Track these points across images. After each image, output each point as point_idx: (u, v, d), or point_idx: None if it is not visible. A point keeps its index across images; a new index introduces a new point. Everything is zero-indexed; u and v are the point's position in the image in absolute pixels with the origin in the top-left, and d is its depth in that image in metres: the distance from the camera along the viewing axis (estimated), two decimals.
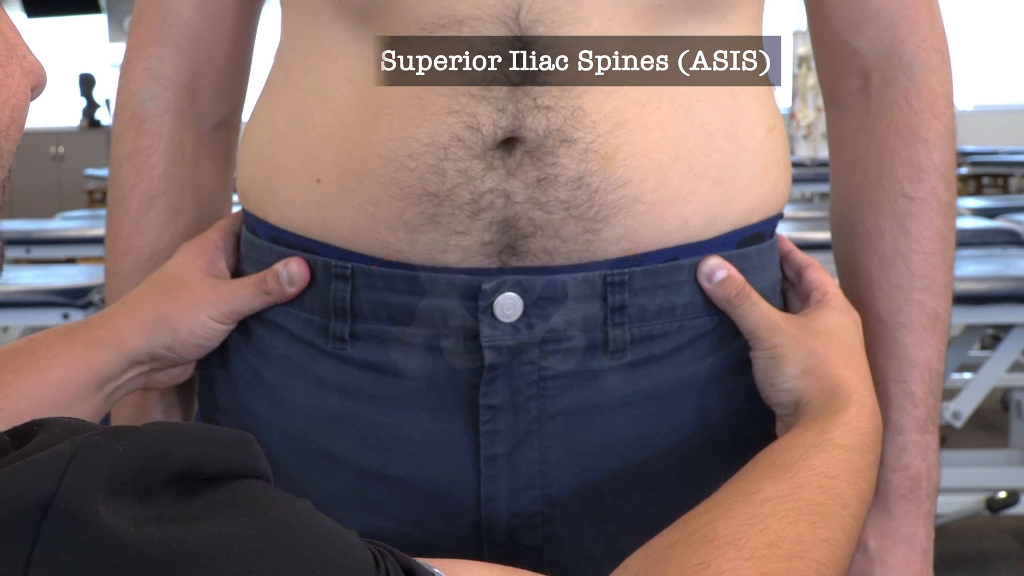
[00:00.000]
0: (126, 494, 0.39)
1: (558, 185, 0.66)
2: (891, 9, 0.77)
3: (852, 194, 0.79)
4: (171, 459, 0.41)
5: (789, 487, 0.60)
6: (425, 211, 0.67)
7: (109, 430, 0.41)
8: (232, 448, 0.43)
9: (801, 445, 0.63)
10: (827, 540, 0.58)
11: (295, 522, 0.42)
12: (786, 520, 0.57)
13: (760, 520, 0.57)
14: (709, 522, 0.57)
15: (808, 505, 0.59)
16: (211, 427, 0.44)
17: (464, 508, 0.71)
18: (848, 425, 0.65)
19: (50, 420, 0.41)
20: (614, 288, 0.69)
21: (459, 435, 0.70)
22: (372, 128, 0.68)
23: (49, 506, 0.37)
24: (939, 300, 0.77)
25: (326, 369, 0.72)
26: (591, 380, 0.70)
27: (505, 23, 0.65)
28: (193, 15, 0.81)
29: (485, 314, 0.68)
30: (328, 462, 0.73)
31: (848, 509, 0.61)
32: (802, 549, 0.56)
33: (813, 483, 0.61)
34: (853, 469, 0.63)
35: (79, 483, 0.37)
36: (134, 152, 0.82)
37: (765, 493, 0.59)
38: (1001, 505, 2.50)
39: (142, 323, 0.72)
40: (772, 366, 0.70)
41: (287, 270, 0.72)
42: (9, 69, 0.44)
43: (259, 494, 0.42)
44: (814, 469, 0.61)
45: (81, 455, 0.38)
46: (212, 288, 0.74)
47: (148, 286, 0.75)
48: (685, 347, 0.72)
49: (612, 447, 0.71)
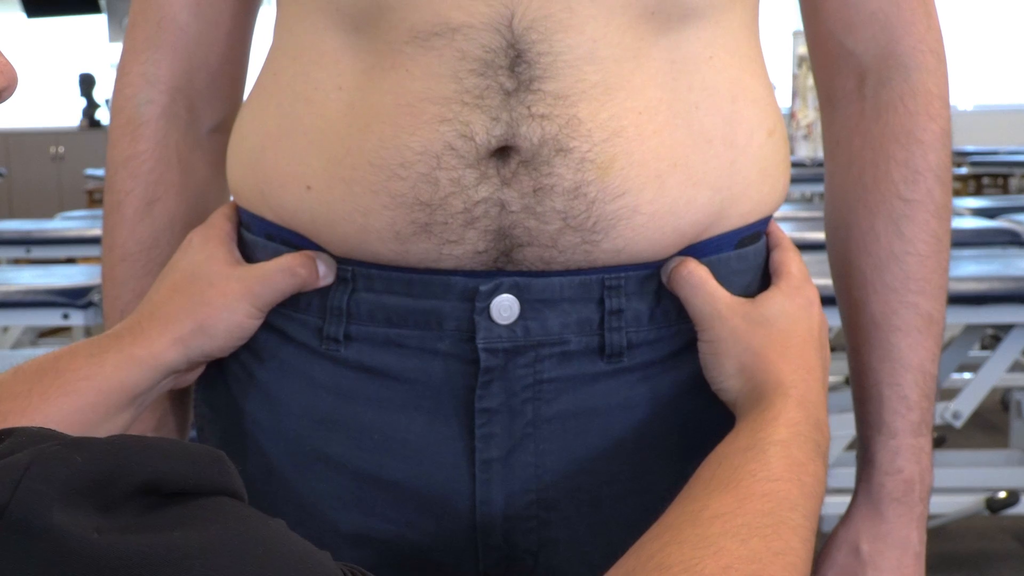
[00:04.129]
0: (85, 505, 0.38)
1: (554, 195, 0.66)
2: (887, 11, 0.77)
3: (847, 196, 0.79)
4: (133, 471, 0.40)
5: (735, 499, 0.59)
6: (417, 220, 0.66)
7: (70, 441, 0.40)
8: (202, 464, 0.42)
9: (737, 451, 0.62)
10: (782, 552, 0.58)
11: (264, 538, 0.41)
12: (738, 538, 0.57)
13: (712, 541, 0.56)
14: (661, 547, 0.56)
15: (756, 517, 0.58)
16: (181, 442, 0.43)
17: (460, 511, 0.71)
18: (779, 420, 0.64)
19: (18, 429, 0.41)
20: (611, 292, 0.69)
21: (455, 438, 0.70)
22: (363, 136, 0.67)
23: (2, 515, 0.36)
24: (934, 303, 0.77)
25: (320, 371, 0.72)
26: (587, 384, 0.70)
27: (499, 30, 0.64)
28: (188, 19, 0.81)
29: (482, 316, 0.68)
30: (323, 464, 0.73)
31: (797, 510, 0.60)
32: (758, 567, 0.56)
33: (757, 491, 0.60)
34: (794, 464, 0.62)
35: (34, 492, 0.37)
36: (130, 157, 0.81)
37: (712, 510, 0.58)
38: (1001, 505, 2.50)
39: (178, 336, 0.70)
40: (711, 363, 0.69)
41: (325, 264, 0.71)
42: None
43: (229, 509, 0.42)
44: (755, 475, 0.60)
45: (37, 465, 0.38)
46: (241, 283, 0.72)
47: (176, 292, 0.73)
48: (681, 351, 0.72)
49: (608, 450, 0.71)
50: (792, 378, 0.67)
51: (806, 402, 0.66)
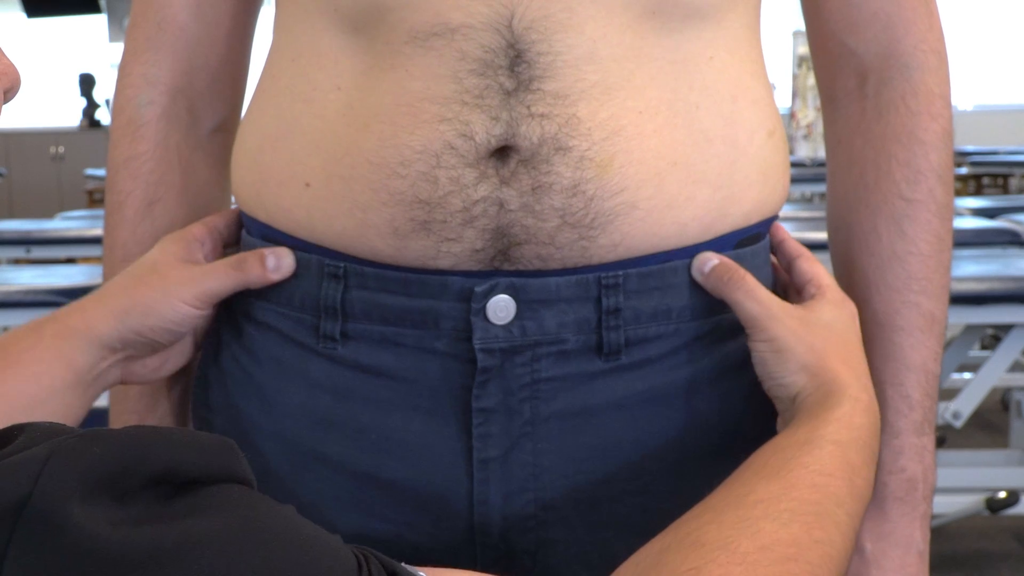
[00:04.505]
0: (102, 495, 0.39)
1: (553, 193, 0.66)
2: (888, 10, 0.77)
3: (849, 196, 0.79)
4: (148, 462, 0.40)
5: (782, 487, 0.59)
6: (416, 218, 0.66)
7: (86, 433, 0.41)
8: (212, 453, 0.43)
9: (794, 444, 0.63)
10: (822, 541, 0.57)
11: (275, 524, 0.41)
12: (779, 522, 0.57)
13: (752, 523, 0.56)
14: (700, 527, 0.56)
15: (802, 505, 0.58)
16: (192, 431, 0.44)
17: (457, 511, 0.71)
18: (841, 421, 0.64)
19: (31, 424, 0.41)
20: (608, 290, 0.69)
21: (452, 438, 0.70)
22: (362, 135, 0.67)
23: (24, 507, 0.37)
24: (936, 302, 0.77)
25: (317, 370, 0.72)
26: (585, 383, 0.70)
27: (498, 31, 0.64)
28: (188, 20, 0.81)
29: (478, 316, 0.68)
30: (320, 464, 0.72)
31: (843, 507, 0.60)
32: (796, 552, 0.56)
33: (806, 481, 0.60)
34: (848, 466, 0.62)
35: (54, 484, 0.37)
36: (130, 158, 0.82)
37: (757, 495, 0.58)
38: (1001, 505, 2.50)
39: (112, 309, 0.71)
40: (773, 360, 0.69)
41: (276, 256, 0.71)
42: None
43: (238, 497, 0.42)
44: (807, 467, 0.61)
45: (57, 457, 0.38)
46: (183, 271, 0.73)
47: (122, 275, 0.75)
48: (680, 350, 0.71)
49: (606, 450, 0.71)
50: (857, 384, 0.67)
51: (871, 410, 0.67)
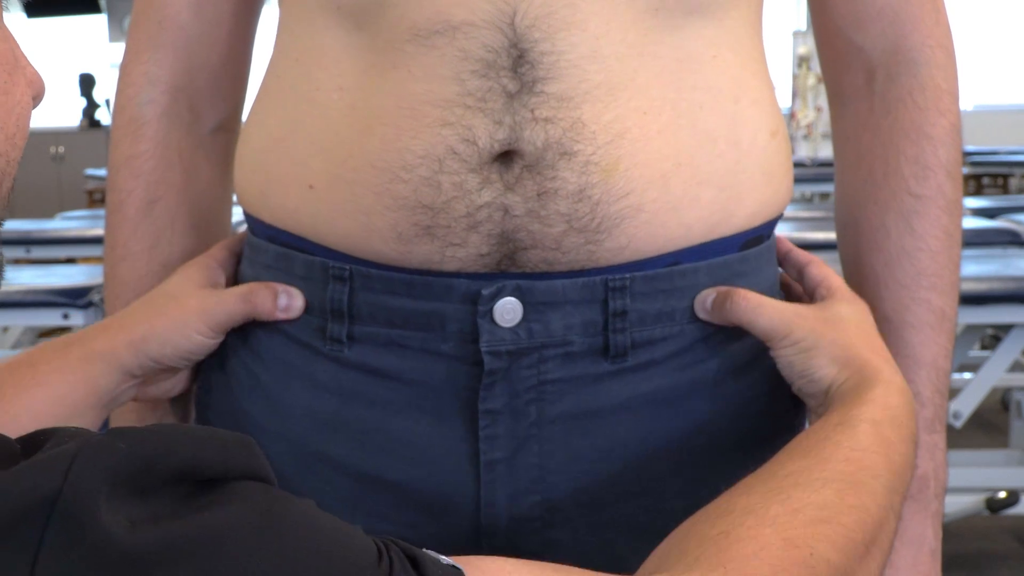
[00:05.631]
0: (126, 491, 0.39)
1: (558, 199, 0.65)
2: (895, 6, 0.76)
3: (857, 192, 0.79)
4: (171, 458, 0.41)
5: (815, 461, 0.59)
6: (419, 223, 0.66)
7: (112, 430, 0.41)
8: (232, 450, 0.43)
9: (828, 425, 0.62)
10: (856, 506, 0.57)
11: (294, 516, 0.42)
12: (810, 488, 0.56)
13: (783, 491, 0.56)
14: (730, 499, 0.57)
15: (835, 474, 0.58)
16: (211, 429, 0.44)
17: (463, 513, 0.71)
18: (876, 402, 0.64)
19: (58, 429, 0.42)
20: (615, 293, 0.68)
21: (458, 440, 0.70)
22: (365, 138, 0.67)
23: (55, 503, 0.37)
24: (946, 298, 0.77)
25: (323, 372, 0.72)
26: (591, 384, 0.70)
27: (501, 29, 0.64)
28: (190, 19, 0.81)
29: (484, 319, 0.68)
30: (326, 466, 0.72)
31: (879, 480, 0.60)
32: (828, 514, 0.55)
33: (840, 456, 0.60)
34: (883, 442, 0.62)
35: (83, 480, 0.38)
36: (131, 157, 0.81)
37: (788, 469, 0.58)
38: (1001, 505, 2.50)
39: (133, 339, 0.73)
40: (802, 360, 0.69)
41: (287, 297, 0.72)
42: (15, 79, 0.47)
43: (257, 492, 0.42)
44: (840, 444, 0.60)
45: (84, 452, 0.39)
46: (199, 301, 0.74)
47: (143, 302, 0.76)
48: (685, 351, 0.71)
49: (611, 451, 0.71)
50: (888, 368, 0.68)
51: (904, 391, 0.67)
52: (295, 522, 0.42)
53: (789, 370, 0.70)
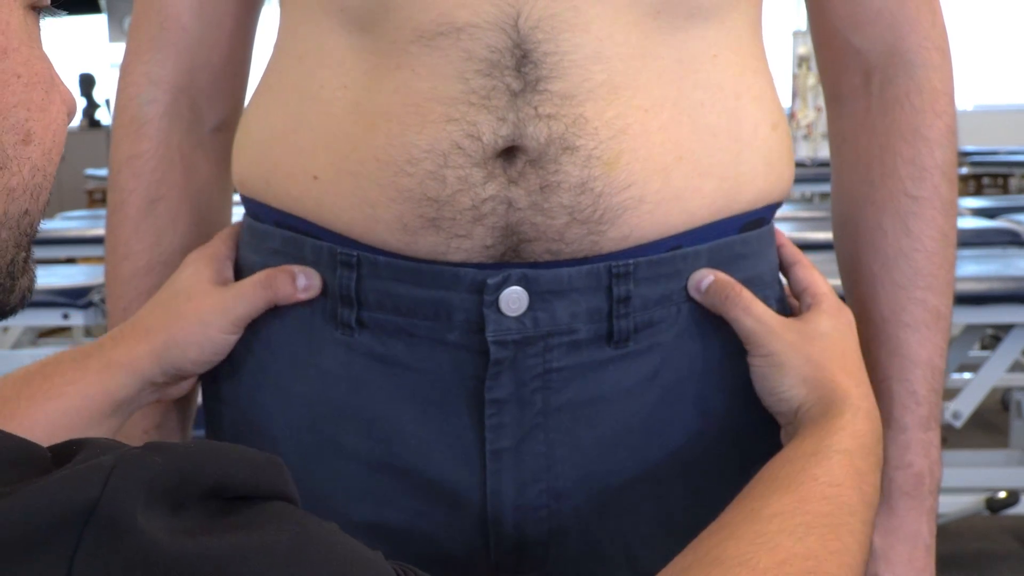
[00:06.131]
0: (161, 505, 0.40)
1: (561, 191, 0.66)
2: (892, 8, 0.77)
3: (854, 193, 0.80)
4: (205, 474, 0.42)
5: (795, 500, 0.60)
6: (425, 215, 0.67)
7: (147, 444, 0.43)
8: (262, 469, 0.45)
9: (802, 455, 0.64)
10: (838, 551, 0.59)
11: (320, 539, 0.43)
12: (795, 536, 0.58)
13: (770, 538, 0.57)
14: (719, 543, 0.57)
15: (816, 518, 0.59)
16: (242, 448, 0.45)
17: (470, 501, 0.71)
18: (846, 430, 0.65)
19: (89, 440, 0.43)
20: (619, 279, 0.69)
21: (465, 429, 0.70)
22: (370, 133, 0.67)
23: (92, 512, 0.38)
24: (941, 298, 0.77)
25: (332, 359, 0.72)
26: (595, 371, 0.70)
27: (504, 30, 0.64)
28: (191, 19, 0.82)
29: (491, 308, 0.68)
30: (334, 453, 0.73)
31: (856, 516, 0.62)
32: (814, 564, 0.57)
33: (817, 493, 0.61)
34: (855, 473, 0.64)
35: (120, 491, 0.39)
36: (132, 156, 0.82)
37: (772, 509, 0.59)
38: (1001, 505, 2.50)
39: (152, 348, 0.72)
40: (771, 375, 0.70)
41: (306, 276, 0.72)
42: (52, 97, 0.49)
43: (286, 513, 0.44)
44: (817, 479, 0.62)
45: (122, 465, 0.40)
46: (217, 299, 0.73)
47: (157, 306, 0.75)
48: (684, 332, 0.72)
49: (616, 438, 0.71)
50: (857, 392, 0.68)
51: (872, 416, 0.68)
52: (322, 546, 0.43)
53: (761, 383, 0.71)
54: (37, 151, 0.48)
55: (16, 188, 0.47)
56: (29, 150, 0.48)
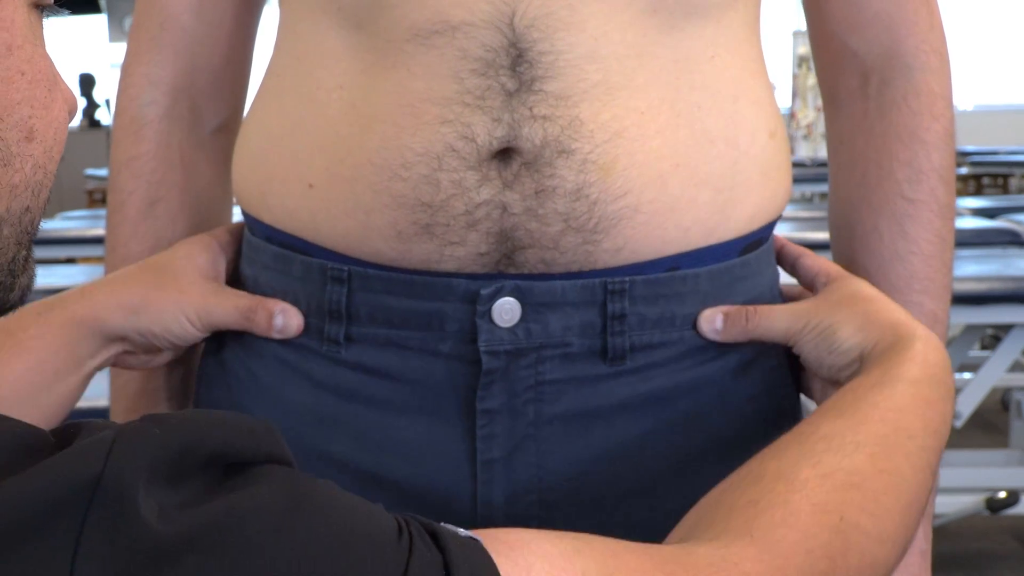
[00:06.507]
0: (162, 477, 0.40)
1: (556, 197, 0.66)
2: (890, 11, 0.77)
3: (851, 195, 0.80)
4: (204, 444, 0.42)
5: (850, 424, 0.59)
6: (419, 221, 0.66)
7: (145, 416, 0.43)
8: (258, 436, 0.45)
9: (865, 384, 0.62)
10: (887, 471, 0.57)
11: (318, 496, 0.43)
12: (842, 453, 0.56)
13: (815, 455, 0.56)
14: (761, 463, 0.57)
15: (868, 437, 0.58)
16: (236, 414, 0.45)
17: (461, 512, 0.71)
18: (915, 360, 0.63)
19: (88, 421, 0.43)
20: (614, 296, 0.69)
21: (456, 439, 0.70)
22: (365, 136, 0.67)
23: (97, 486, 0.38)
24: (938, 302, 0.77)
25: (321, 370, 0.72)
26: (589, 385, 0.70)
27: (500, 29, 0.64)
28: (191, 20, 0.82)
29: (483, 319, 0.68)
30: (324, 463, 0.72)
31: (914, 440, 0.59)
32: (859, 480, 0.55)
33: (875, 416, 0.59)
34: (921, 401, 0.61)
35: (123, 463, 0.39)
36: (132, 157, 0.82)
37: (823, 431, 0.58)
38: (1001, 505, 2.50)
39: (122, 303, 0.72)
40: (823, 342, 0.69)
41: (284, 317, 0.72)
42: (54, 95, 0.50)
43: (281, 474, 0.44)
44: (877, 405, 0.60)
45: (122, 439, 0.40)
46: (201, 293, 0.74)
47: (141, 268, 0.75)
48: (684, 356, 0.71)
49: (610, 451, 0.71)
50: (923, 326, 0.67)
51: (942, 348, 0.67)
52: (319, 501, 0.43)
53: (815, 353, 0.69)
54: (39, 148, 0.48)
55: (19, 185, 0.47)
56: (32, 147, 0.48)
